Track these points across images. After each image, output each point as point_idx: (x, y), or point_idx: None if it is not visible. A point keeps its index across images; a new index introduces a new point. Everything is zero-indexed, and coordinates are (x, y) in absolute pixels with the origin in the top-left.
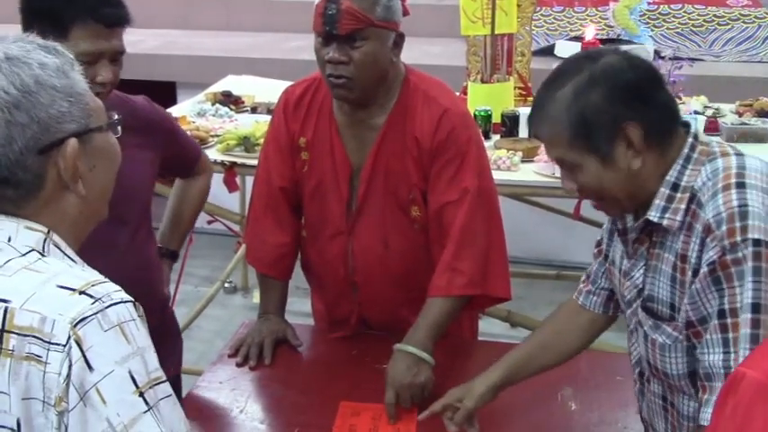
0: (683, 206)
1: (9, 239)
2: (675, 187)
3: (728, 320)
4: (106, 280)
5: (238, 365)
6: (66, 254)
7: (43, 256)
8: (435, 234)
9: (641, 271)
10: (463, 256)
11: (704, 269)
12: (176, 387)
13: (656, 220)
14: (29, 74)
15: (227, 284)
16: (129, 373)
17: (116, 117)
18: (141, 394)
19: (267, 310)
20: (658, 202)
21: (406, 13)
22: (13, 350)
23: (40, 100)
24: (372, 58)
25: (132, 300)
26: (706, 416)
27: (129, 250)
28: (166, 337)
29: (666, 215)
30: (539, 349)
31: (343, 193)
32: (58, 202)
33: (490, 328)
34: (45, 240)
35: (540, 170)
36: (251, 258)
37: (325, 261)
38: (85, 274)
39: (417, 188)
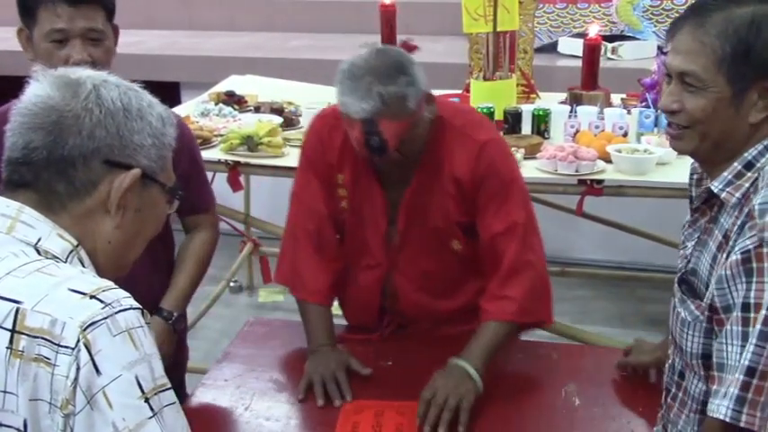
0: (746, 185)
1: (38, 240)
2: (749, 166)
3: (752, 314)
4: (116, 286)
5: (322, 408)
6: (86, 269)
7: (63, 263)
8: (490, 265)
9: (693, 243)
10: (512, 285)
11: (737, 256)
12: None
13: (716, 191)
14: (136, 102)
15: (232, 284)
16: (136, 378)
17: (180, 193)
18: (147, 400)
19: (322, 341)
20: (726, 174)
21: (412, 48)
22: (23, 351)
23: (133, 124)
24: (415, 140)
25: (140, 307)
26: (714, 407)
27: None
28: None
29: (728, 189)
30: None
31: (380, 228)
32: (95, 220)
33: None
34: (71, 252)
35: (542, 167)
36: (301, 292)
37: (359, 289)
38: (96, 280)
39: (457, 223)
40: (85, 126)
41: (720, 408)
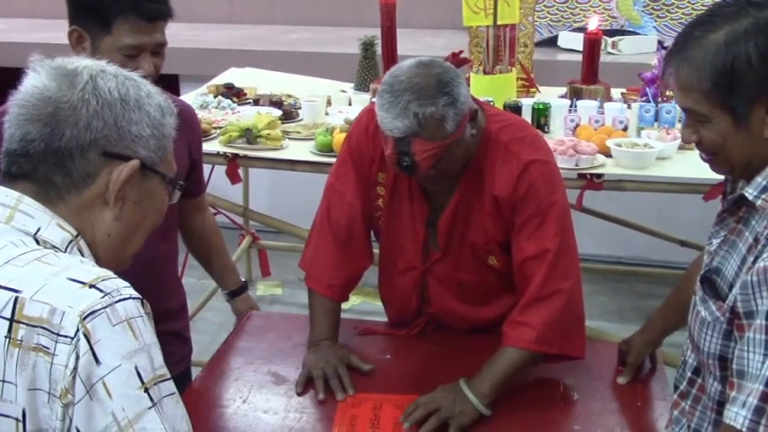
0: None
1: (37, 230)
2: None
3: None
4: (115, 276)
5: (321, 402)
6: (86, 258)
7: (62, 252)
8: (520, 289)
9: (719, 241)
10: (534, 312)
11: (765, 263)
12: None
13: (750, 198)
14: (135, 92)
15: None
16: (136, 368)
17: (181, 183)
18: (146, 390)
19: (324, 336)
20: (760, 180)
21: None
22: (21, 340)
23: (131, 115)
24: (454, 159)
25: (140, 297)
26: (732, 414)
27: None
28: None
29: (763, 195)
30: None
31: (419, 234)
32: (94, 211)
33: None
34: (71, 242)
35: None
36: (316, 283)
37: (396, 291)
38: (96, 269)
39: (495, 241)
40: (82, 117)
41: (738, 417)
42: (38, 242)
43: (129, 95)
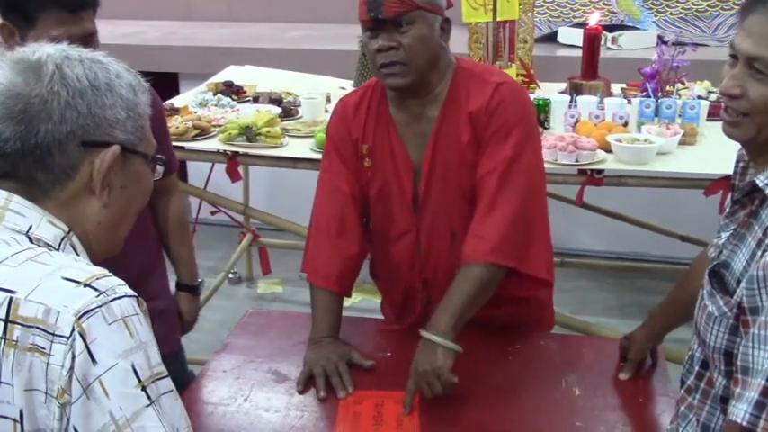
0: None
1: (29, 228)
2: None
3: None
4: (110, 274)
5: (322, 400)
6: (79, 256)
7: (56, 251)
8: (477, 203)
9: (728, 234)
10: (487, 223)
11: None
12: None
13: (761, 185)
14: (104, 75)
15: (231, 275)
16: (133, 366)
17: (162, 158)
18: (144, 388)
19: (325, 333)
20: None
21: (449, 5)
22: (17, 341)
23: (103, 100)
24: (421, 41)
25: (135, 294)
26: (736, 410)
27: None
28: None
29: None
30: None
31: (406, 193)
32: (81, 203)
33: None
34: (63, 239)
35: (543, 157)
36: (313, 276)
37: (393, 263)
38: (90, 268)
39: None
40: (55, 110)
41: (739, 412)
42: (31, 240)
43: (99, 80)
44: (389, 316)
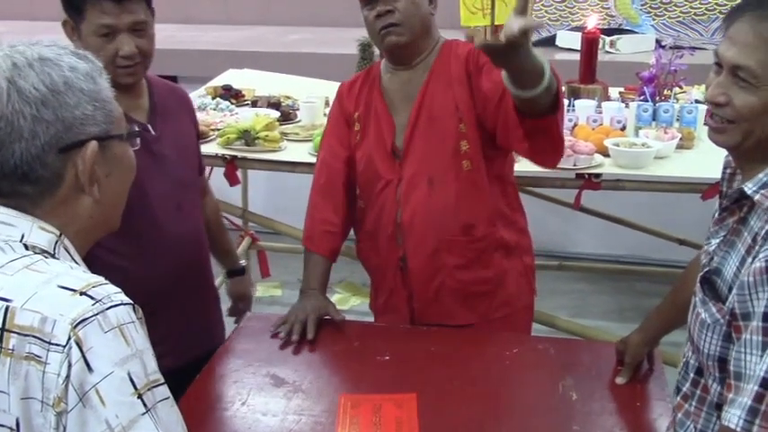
0: None
1: (22, 237)
2: None
3: None
4: (106, 282)
5: (283, 344)
6: (74, 258)
7: (52, 257)
8: (506, 106)
9: (718, 240)
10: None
11: (761, 263)
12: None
13: (749, 192)
14: (59, 74)
15: None
16: (129, 374)
17: (135, 129)
18: (140, 396)
19: (310, 285)
20: (762, 176)
21: None
22: (13, 350)
23: (66, 100)
24: (414, 5)
25: (131, 302)
26: (729, 416)
27: (191, 211)
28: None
29: (762, 191)
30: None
31: (387, 144)
32: (72, 204)
33: None
34: (56, 242)
35: None
36: (303, 237)
37: (375, 216)
38: (86, 276)
39: (466, 117)
40: (24, 128)
41: (733, 417)
42: (26, 247)
43: (56, 81)
44: (377, 308)
